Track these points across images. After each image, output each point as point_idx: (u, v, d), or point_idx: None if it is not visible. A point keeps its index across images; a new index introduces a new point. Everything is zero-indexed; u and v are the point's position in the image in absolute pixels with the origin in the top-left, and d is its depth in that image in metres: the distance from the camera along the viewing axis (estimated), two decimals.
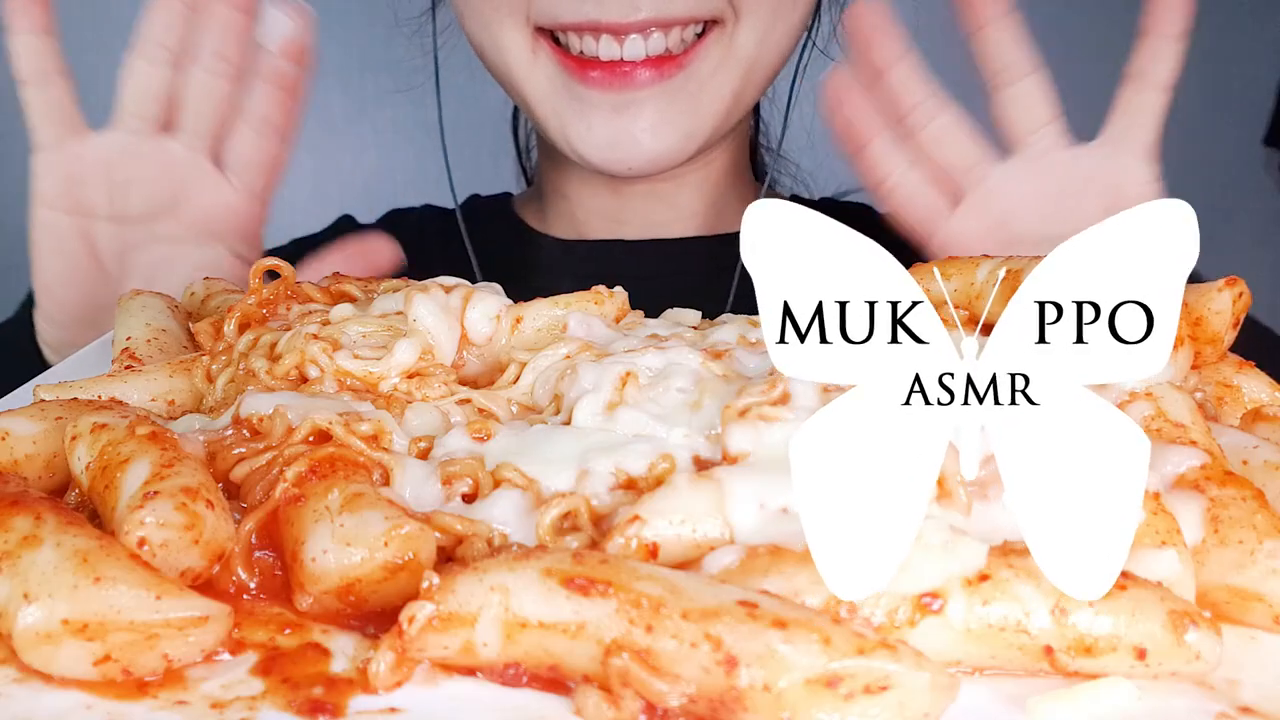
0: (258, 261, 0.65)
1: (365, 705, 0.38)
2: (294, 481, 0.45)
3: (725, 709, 0.36)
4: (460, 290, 0.60)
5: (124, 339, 0.66)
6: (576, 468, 0.46)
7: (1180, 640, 0.39)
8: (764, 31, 0.96)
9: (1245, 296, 0.59)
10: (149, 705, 0.37)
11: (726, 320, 0.63)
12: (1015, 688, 0.39)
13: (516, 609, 0.38)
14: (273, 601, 0.43)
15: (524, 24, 0.95)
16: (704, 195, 1.10)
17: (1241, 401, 0.58)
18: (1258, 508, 0.44)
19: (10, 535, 0.40)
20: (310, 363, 0.54)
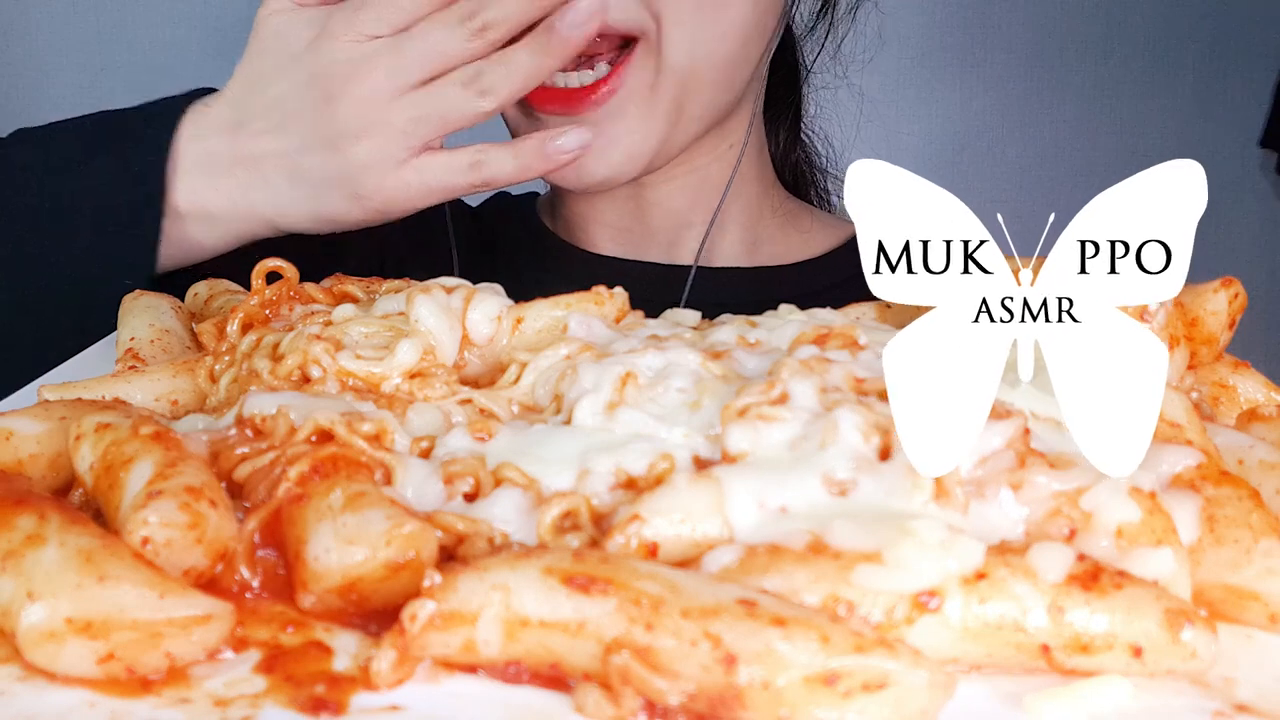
0: (260, 263, 0.66)
1: (367, 703, 0.38)
2: (296, 481, 0.45)
3: (725, 706, 0.36)
4: (461, 291, 0.60)
5: (127, 339, 0.66)
6: (577, 467, 0.46)
7: (1176, 638, 0.39)
8: (691, 38, 0.93)
9: (1241, 297, 0.59)
10: (152, 703, 0.37)
11: (726, 320, 0.63)
12: (1012, 685, 0.39)
13: (517, 607, 0.38)
14: (275, 600, 0.43)
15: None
16: (702, 203, 1.08)
17: (1237, 401, 0.58)
18: (1253, 507, 0.45)
19: (14, 534, 0.40)
20: (313, 363, 0.55)
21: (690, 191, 1.08)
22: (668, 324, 0.64)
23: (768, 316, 0.63)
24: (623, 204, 1.08)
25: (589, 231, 1.12)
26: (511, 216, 1.19)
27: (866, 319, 0.68)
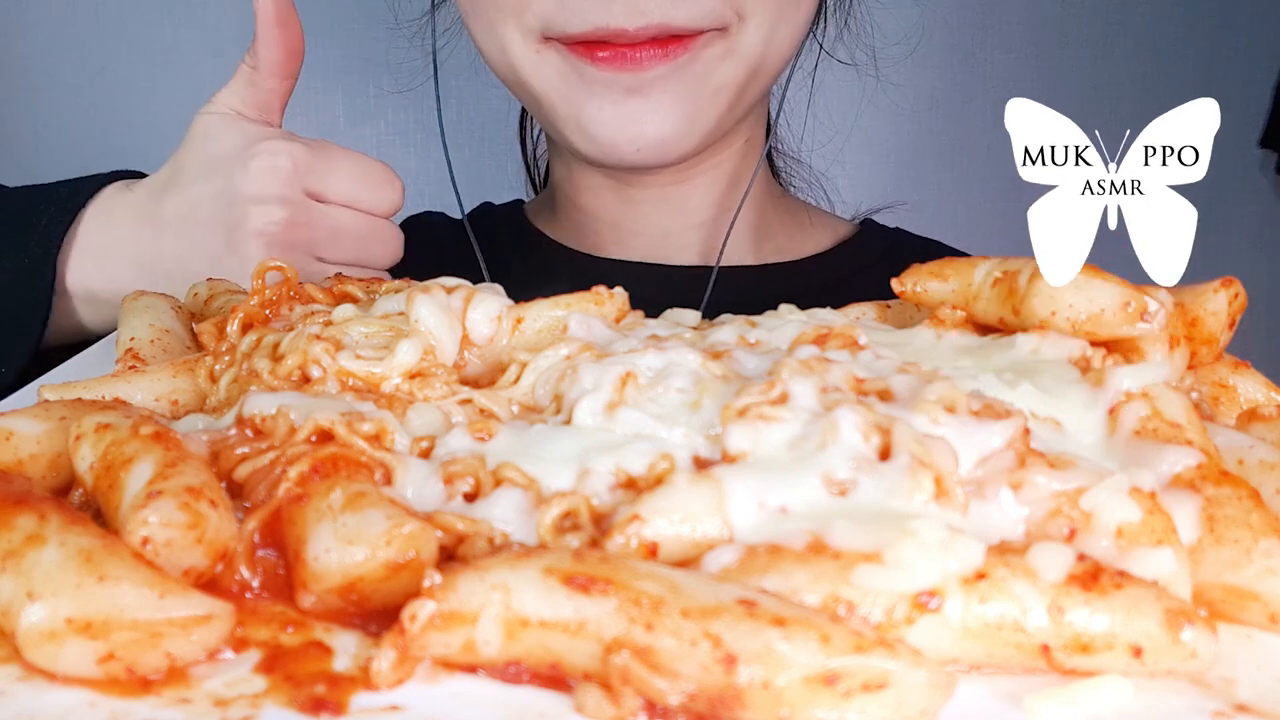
0: (260, 262, 0.66)
1: (367, 703, 0.38)
2: (296, 481, 0.45)
3: (725, 706, 0.36)
4: (461, 291, 0.60)
5: (128, 339, 0.66)
6: (577, 467, 0.46)
7: (1176, 638, 0.39)
8: (769, 30, 0.96)
9: (1241, 297, 0.59)
10: (152, 703, 0.37)
11: (726, 320, 0.63)
12: (1012, 685, 0.39)
13: (518, 607, 0.38)
14: (275, 600, 0.43)
15: (530, 32, 0.96)
16: (714, 202, 1.09)
17: (1237, 402, 0.58)
18: (1253, 507, 0.45)
19: (14, 534, 0.40)
20: (313, 363, 0.55)
21: (708, 189, 1.09)
22: (668, 324, 0.64)
23: (767, 316, 0.63)
24: (640, 203, 1.08)
25: (600, 234, 1.11)
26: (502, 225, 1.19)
27: (866, 319, 0.68)
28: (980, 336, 0.59)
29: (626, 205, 1.08)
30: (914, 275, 0.63)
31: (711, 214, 1.09)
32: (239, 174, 0.85)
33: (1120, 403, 0.50)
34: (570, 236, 1.14)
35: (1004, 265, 0.60)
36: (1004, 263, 0.60)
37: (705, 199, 1.09)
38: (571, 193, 1.12)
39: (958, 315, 0.61)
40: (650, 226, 1.09)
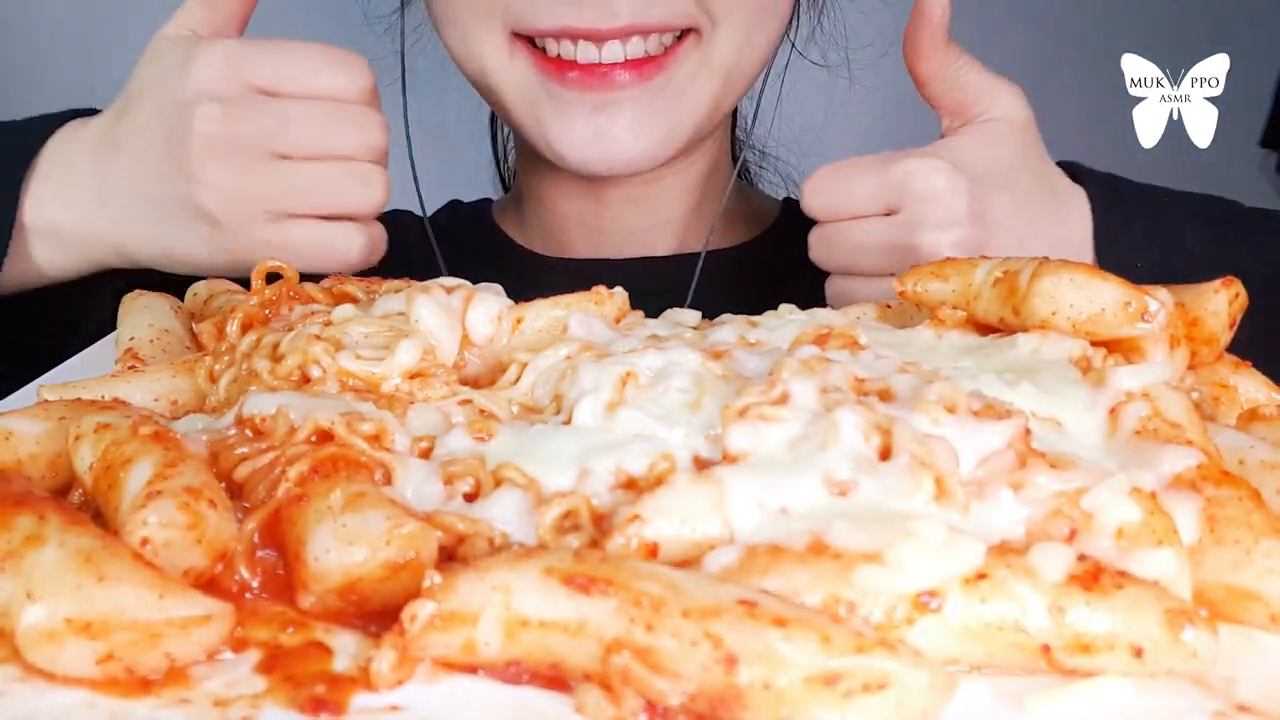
0: (260, 263, 0.66)
1: (367, 703, 0.38)
2: (296, 481, 0.45)
3: (725, 707, 0.36)
4: (461, 291, 0.60)
5: (127, 339, 0.66)
6: (577, 467, 0.46)
7: (1177, 639, 0.39)
8: (742, 41, 0.95)
9: (1241, 297, 0.59)
10: (152, 703, 0.37)
11: (726, 320, 0.63)
12: (1013, 686, 0.39)
13: (518, 608, 0.38)
14: (275, 600, 0.43)
15: (500, 29, 0.95)
16: (684, 200, 1.09)
17: (1238, 402, 0.58)
18: (1254, 507, 0.45)
19: (14, 535, 0.40)
20: (312, 363, 0.55)
21: (679, 188, 1.09)
22: (668, 324, 0.64)
23: (768, 316, 0.63)
24: (610, 203, 1.08)
25: (568, 233, 1.11)
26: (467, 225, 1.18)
27: (867, 319, 0.68)
28: (981, 336, 0.59)
29: (596, 204, 1.08)
30: (915, 275, 0.63)
31: (680, 211, 1.09)
32: (177, 83, 0.81)
33: (1121, 403, 0.50)
34: (537, 236, 1.14)
35: (1004, 265, 0.60)
36: (1005, 263, 0.60)
37: (675, 197, 1.09)
38: (538, 190, 1.11)
39: (958, 315, 0.61)
40: (619, 225, 1.09)
